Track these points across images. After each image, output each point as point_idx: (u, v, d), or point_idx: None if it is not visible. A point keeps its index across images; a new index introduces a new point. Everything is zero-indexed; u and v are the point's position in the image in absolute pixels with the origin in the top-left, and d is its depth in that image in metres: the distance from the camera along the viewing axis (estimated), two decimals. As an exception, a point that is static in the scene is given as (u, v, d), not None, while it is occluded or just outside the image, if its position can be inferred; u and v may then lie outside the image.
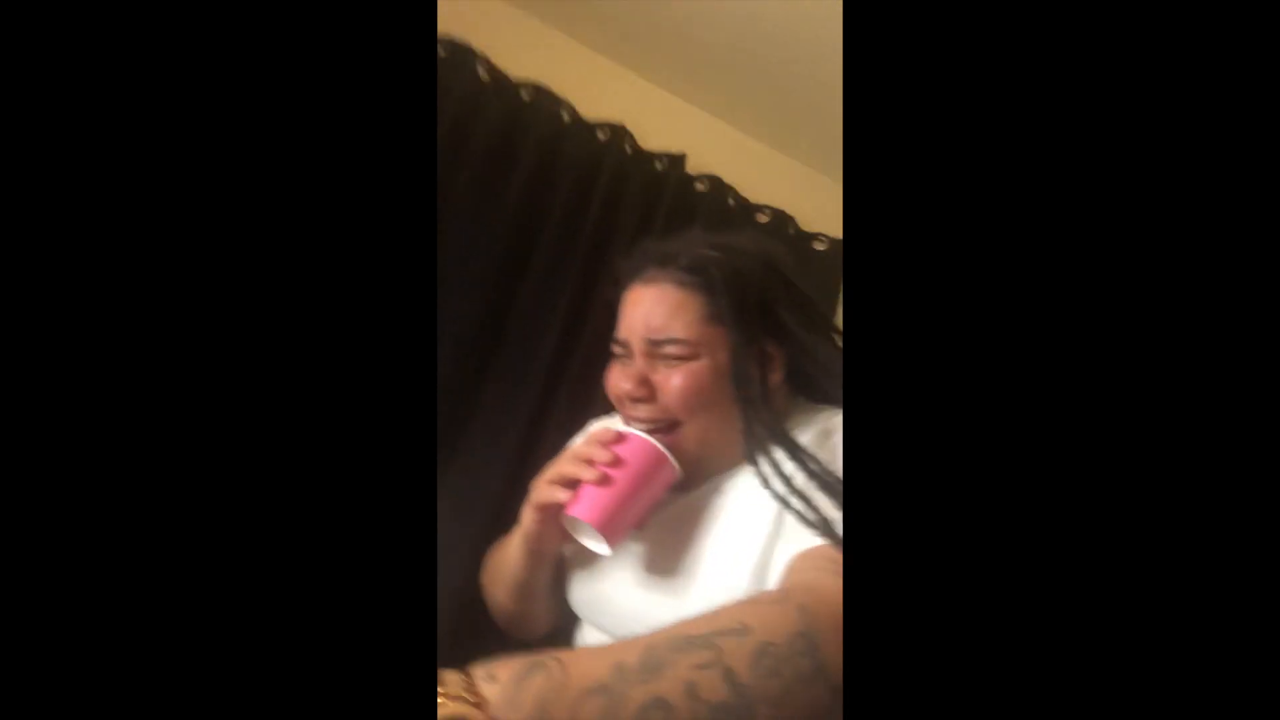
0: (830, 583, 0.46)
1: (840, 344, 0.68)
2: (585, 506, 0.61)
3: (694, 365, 0.65)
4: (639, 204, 1.50)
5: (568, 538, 0.68)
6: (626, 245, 1.44)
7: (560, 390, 1.29)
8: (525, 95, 1.39)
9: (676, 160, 1.58)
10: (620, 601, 0.68)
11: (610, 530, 0.61)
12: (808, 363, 0.66)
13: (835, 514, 0.53)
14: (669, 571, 0.65)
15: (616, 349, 0.71)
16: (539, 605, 0.76)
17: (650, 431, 0.65)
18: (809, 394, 0.71)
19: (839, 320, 1.12)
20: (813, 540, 0.54)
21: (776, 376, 0.67)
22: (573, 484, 0.63)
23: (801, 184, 1.81)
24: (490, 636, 0.78)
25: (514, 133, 1.36)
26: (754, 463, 0.60)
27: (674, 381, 0.65)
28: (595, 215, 1.44)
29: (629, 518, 0.62)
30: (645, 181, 1.53)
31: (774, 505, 0.60)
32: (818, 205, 1.80)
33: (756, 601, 0.45)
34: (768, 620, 0.42)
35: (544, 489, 0.65)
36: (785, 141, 1.76)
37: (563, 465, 0.65)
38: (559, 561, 0.74)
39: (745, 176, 1.67)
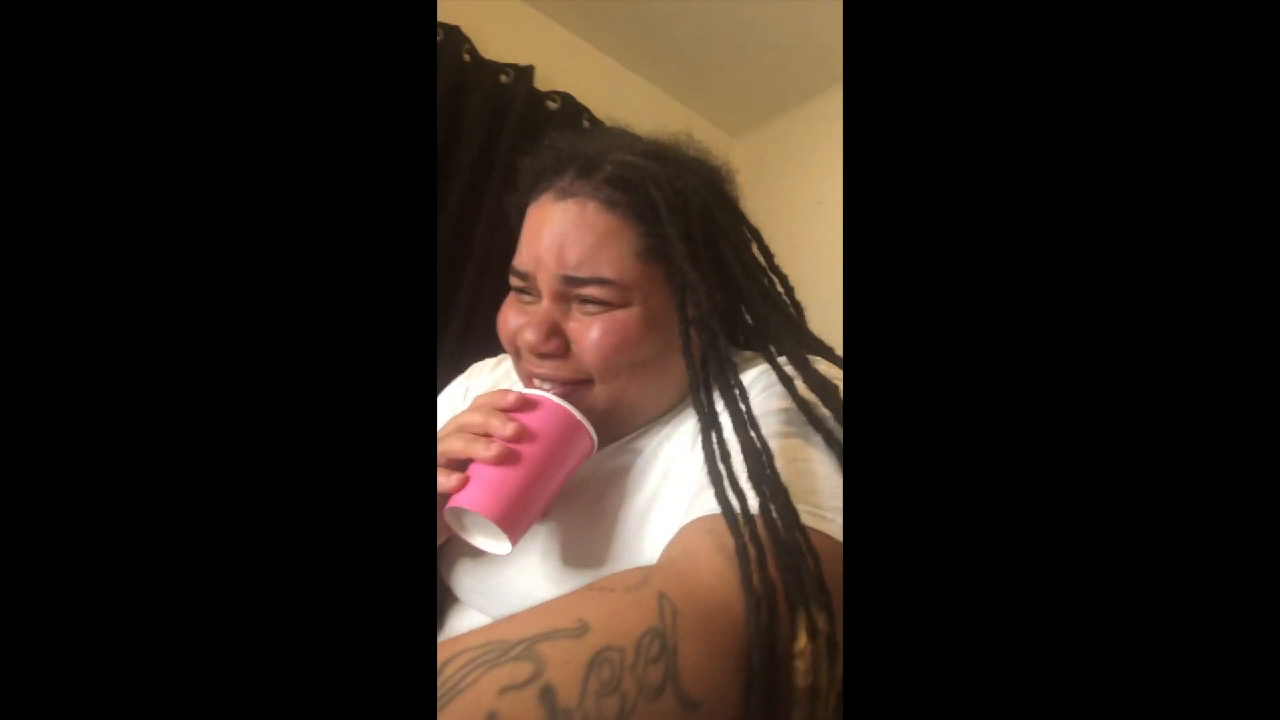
0: (704, 559, 0.36)
1: (778, 289, 0.55)
2: (481, 495, 0.44)
3: (621, 316, 0.50)
4: (478, 119, 1.31)
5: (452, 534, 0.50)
6: (472, 160, 1.27)
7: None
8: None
9: (524, 72, 1.40)
10: (520, 592, 0.54)
11: (512, 523, 0.45)
12: (754, 302, 0.50)
13: (747, 486, 0.40)
14: (584, 553, 0.52)
15: (515, 281, 0.54)
16: None
17: (558, 393, 0.50)
18: (732, 338, 0.59)
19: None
20: (710, 507, 0.41)
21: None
22: (461, 465, 0.47)
23: (659, 111, 1.69)
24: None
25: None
26: (706, 424, 0.44)
27: (593, 335, 0.50)
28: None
29: (535, 507, 0.47)
30: (486, 95, 1.33)
31: (699, 471, 0.47)
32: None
33: (606, 588, 0.34)
34: (615, 614, 0.31)
35: None
36: (639, 61, 1.63)
37: (450, 441, 0.47)
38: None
39: (600, 98, 1.51)
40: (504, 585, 0.55)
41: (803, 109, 1.64)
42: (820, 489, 0.40)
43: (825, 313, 0.63)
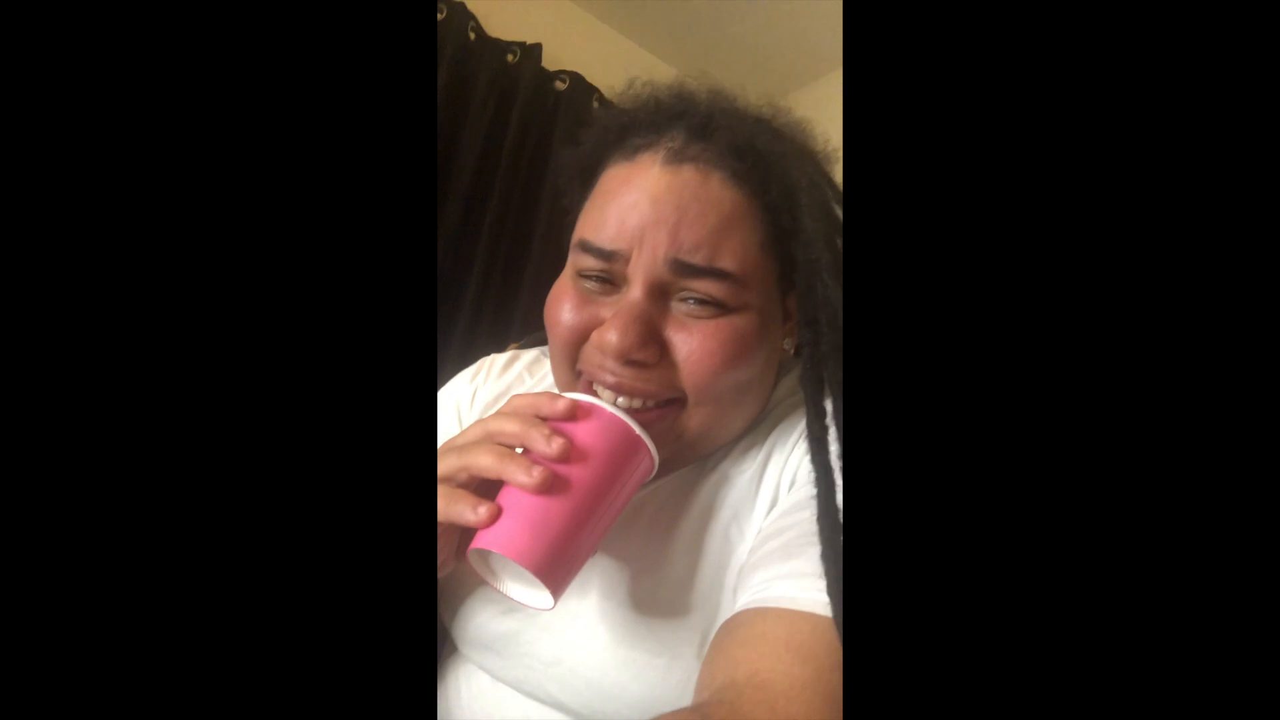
0: (797, 694, 0.29)
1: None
2: (519, 536, 0.33)
3: (738, 323, 0.39)
4: (485, 99, 1.27)
5: (476, 575, 0.38)
6: (480, 143, 1.23)
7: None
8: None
9: (531, 51, 1.35)
10: (546, 658, 0.42)
11: (558, 575, 0.34)
12: (821, 315, 0.39)
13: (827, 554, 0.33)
14: (632, 611, 0.41)
15: (587, 260, 0.41)
16: None
17: (635, 409, 0.40)
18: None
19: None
20: (768, 584, 0.35)
21: (794, 340, 0.44)
22: (487, 487, 0.35)
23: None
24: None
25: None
26: (814, 445, 0.37)
27: (703, 345, 0.39)
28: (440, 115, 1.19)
29: (584, 552, 0.36)
30: (493, 74, 1.29)
31: (756, 523, 0.41)
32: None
33: None
34: None
35: (443, 497, 0.34)
36: (649, 38, 1.58)
37: (474, 454, 0.35)
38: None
39: (609, 77, 1.47)
40: (523, 647, 0.43)
41: (818, 88, 1.59)
42: None
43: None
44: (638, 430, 0.37)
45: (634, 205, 0.40)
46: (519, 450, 0.35)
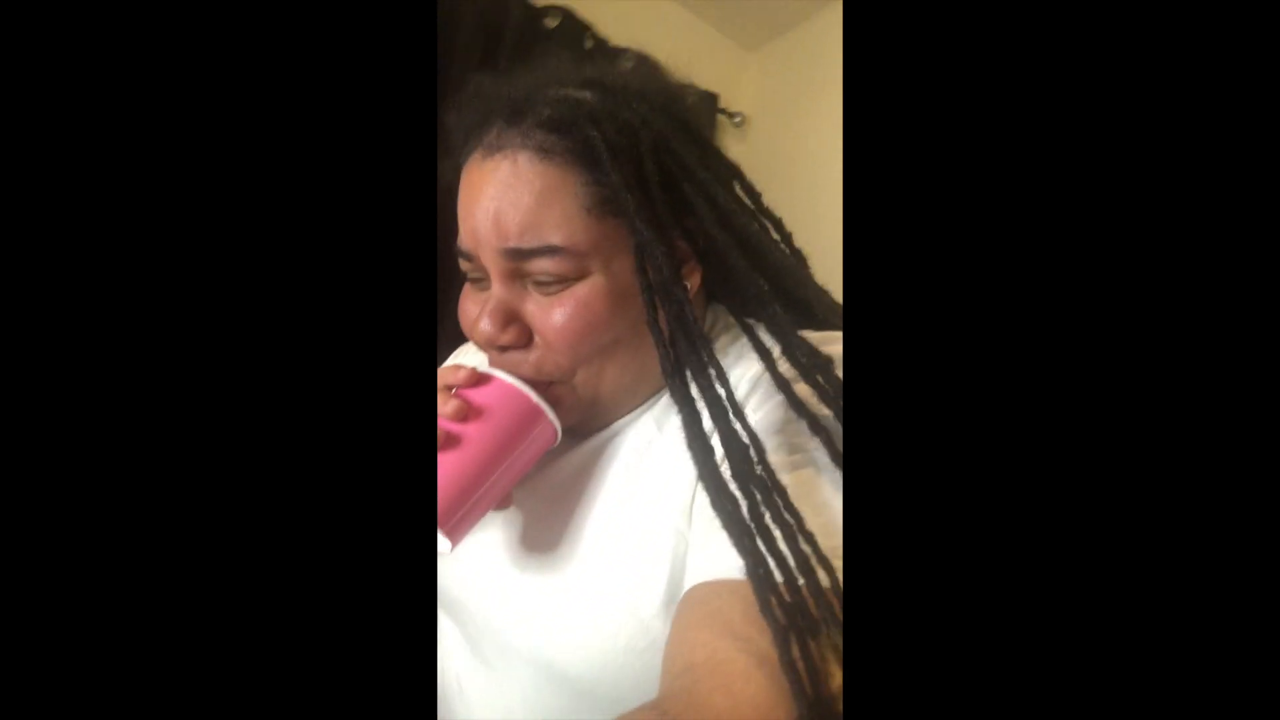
0: (743, 703, 0.29)
1: (772, 232, 0.47)
2: None
3: (581, 291, 0.41)
4: (471, 41, 1.21)
5: None
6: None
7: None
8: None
9: (519, -14, 1.28)
10: (482, 582, 0.48)
11: (452, 518, 0.39)
12: (731, 257, 0.41)
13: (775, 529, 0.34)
14: (554, 544, 0.46)
15: (463, 264, 0.46)
16: None
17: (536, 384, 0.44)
18: (728, 301, 0.50)
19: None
20: (721, 557, 0.35)
21: (694, 280, 0.45)
22: None
23: (668, 24, 1.56)
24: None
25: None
26: (685, 414, 0.37)
27: (556, 319, 0.41)
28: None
29: (480, 502, 0.40)
30: (479, 12, 1.23)
31: (690, 477, 0.42)
32: (691, 49, 1.57)
33: None
34: None
35: None
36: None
37: None
38: None
39: (603, 11, 1.39)
40: (458, 583, 0.50)
41: (823, 17, 1.51)
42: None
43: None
44: (535, 398, 0.42)
45: (467, 205, 0.43)
46: None
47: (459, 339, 0.54)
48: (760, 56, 1.70)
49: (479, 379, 0.42)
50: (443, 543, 0.39)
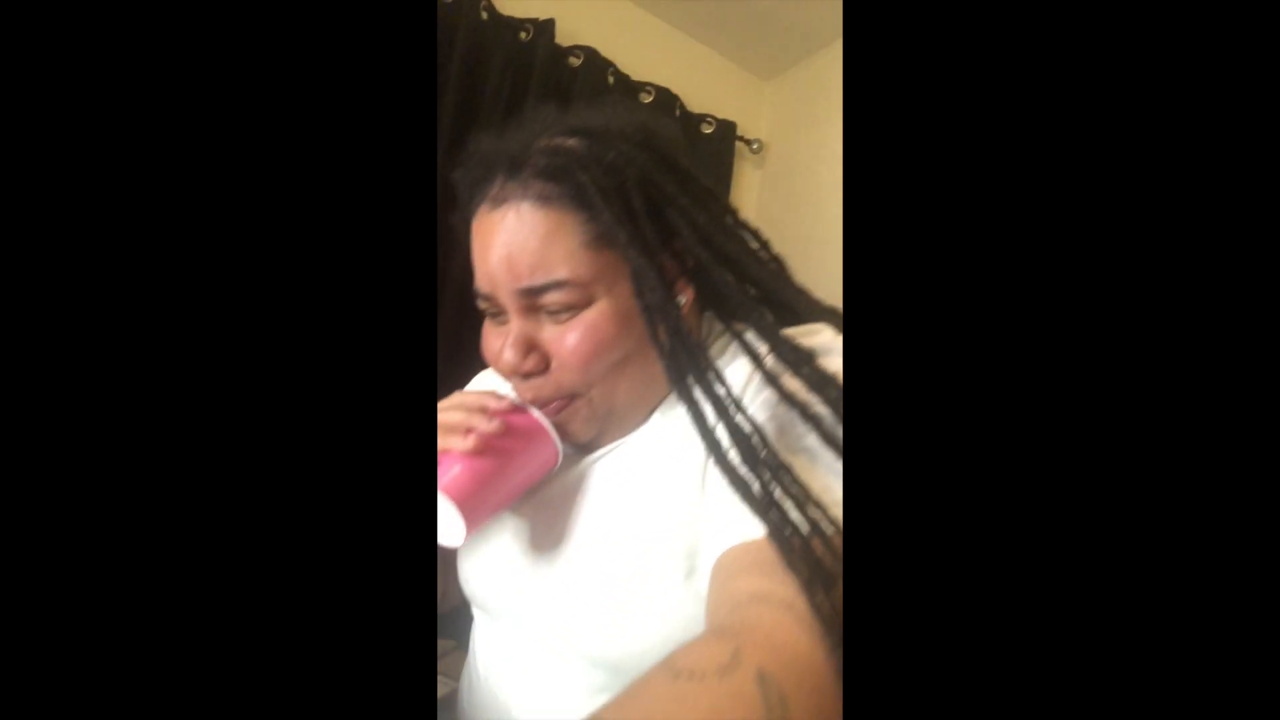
0: (789, 624, 0.33)
1: (751, 243, 0.52)
2: (447, 478, 0.47)
3: (590, 316, 0.48)
4: (501, 81, 1.28)
5: None
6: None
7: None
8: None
9: (544, 27, 1.35)
10: (501, 575, 0.56)
11: (472, 511, 0.47)
12: (715, 271, 0.46)
13: (756, 486, 0.39)
14: (562, 544, 0.53)
15: (482, 304, 0.53)
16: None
17: (547, 407, 0.51)
18: (717, 309, 0.55)
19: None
20: (743, 524, 0.40)
21: (687, 296, 0.51)
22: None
23: (687, 59, 1.63)
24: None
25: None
26: (693, 414, 0.43)
27: (569, 343, 0.48)
28: (451, 98, 1.21)
29: (494, 503, 0.49)
30: (508, 54, 1.30)
31: (698, 463, 0.48)
32: (705, 82, 1.64)
33: (695, 674, 0.31)
34: (716, 711, 0.29)
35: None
36: (666, 8, 1.56)
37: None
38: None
39: (625, 49, 1.46)
40: (486, 567, 0.57)
41: (834, 48, 1.56)
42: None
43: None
44: (551, 431, 0.50)
45: (481, 253, 0.50)
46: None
47: (480, 365, 0.61)
48: (775, 85, 1.75)
49: (514, 408, 0.51)
50: (456, 533, 0.47)
